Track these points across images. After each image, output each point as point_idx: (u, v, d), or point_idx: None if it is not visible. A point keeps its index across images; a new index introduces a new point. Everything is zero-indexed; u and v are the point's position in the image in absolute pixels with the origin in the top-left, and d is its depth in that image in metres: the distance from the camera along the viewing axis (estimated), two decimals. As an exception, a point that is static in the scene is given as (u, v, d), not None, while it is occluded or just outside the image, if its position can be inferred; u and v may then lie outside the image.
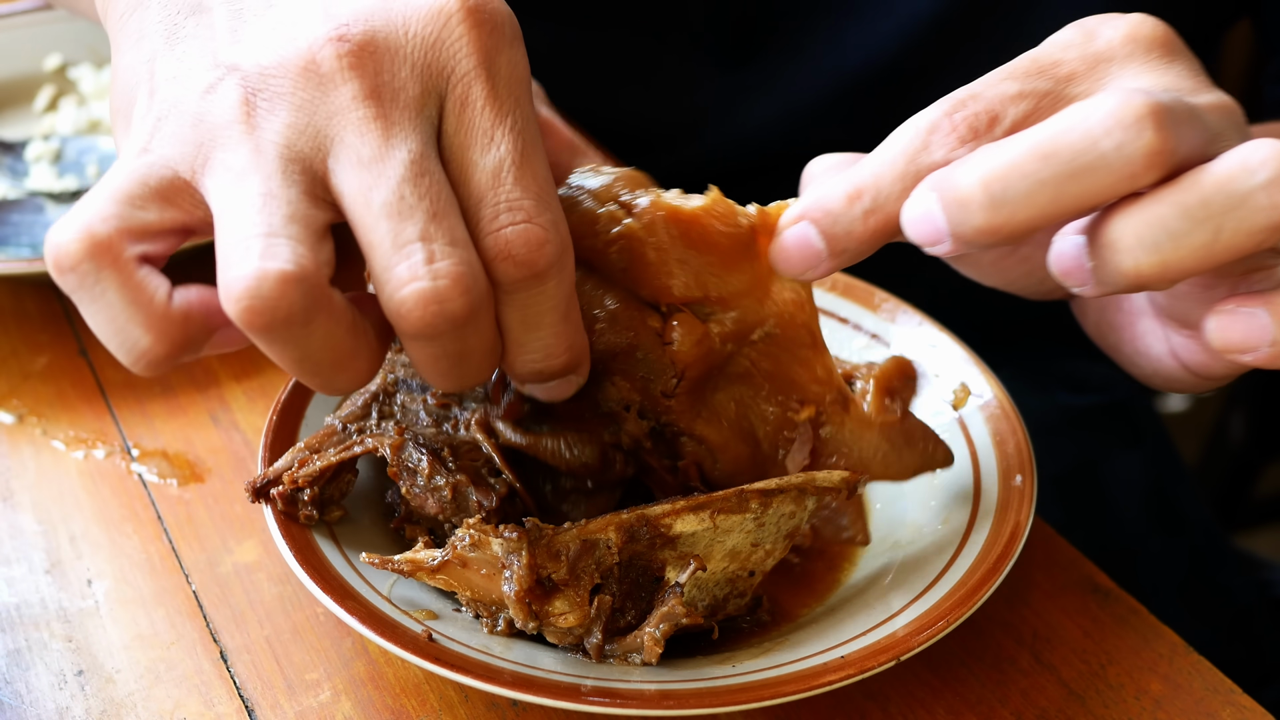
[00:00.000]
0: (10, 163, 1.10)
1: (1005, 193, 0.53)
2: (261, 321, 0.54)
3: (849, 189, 0.58)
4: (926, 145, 0.57)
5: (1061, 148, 0.53)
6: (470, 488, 0.68)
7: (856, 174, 0.59)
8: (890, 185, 0.58)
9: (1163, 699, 0.69)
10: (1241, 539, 1.71)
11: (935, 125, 0.57)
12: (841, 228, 0.59)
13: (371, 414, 0.73)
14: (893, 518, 0.76)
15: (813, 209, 0.59)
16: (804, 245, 0.60)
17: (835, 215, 0.59)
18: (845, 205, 0.58)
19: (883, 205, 0.58)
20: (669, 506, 0.64)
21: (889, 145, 0.59)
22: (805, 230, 0.60)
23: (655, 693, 0.61)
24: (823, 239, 0.59)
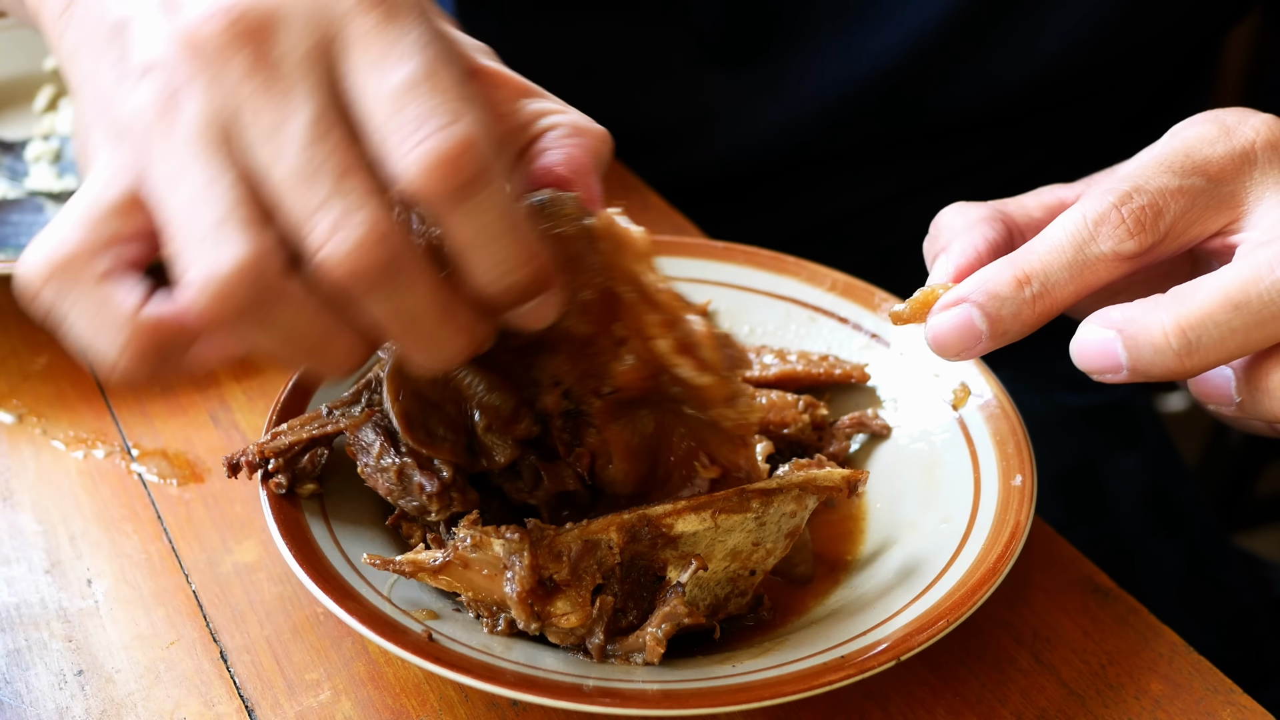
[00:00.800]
0: (10, 163, 1.10)
1: (1199, 341, 0.57)
2: (225, 315, 0.54)
3: (1017, 274, 0.61)
4: (1095, 236, 0.60)
5: (1252, 298, 0.56)
6: (415, 470, 0.68)
7: (1024, 260, 0.61)
8: (1059, 273, 0.60)
9: (1163, 699, 0.69)
10: (1241, 539, 1.71)
11: (1103, 217, 0.60)
12: (1008, 311, 0.61)
13: (361, 401, 0.73)
14: (893, 518, 0.76)
15: (977, 293, 0.61)
16: (965, 328, 0.62)
17: (1002, 299, 0.61)
18: (1013, 290, 0.61)
19: (1050, 292, 0.61)
20: (670, 507, 0.64)
21: (1056, 233, 0.61)
22: (968, 313, 0.62)
23: (657, 693, 0.61)
24: (986, 321, 0.61)
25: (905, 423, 0.81)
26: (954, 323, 0.62)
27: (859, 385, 0.84)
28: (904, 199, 1.16)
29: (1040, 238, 0.62)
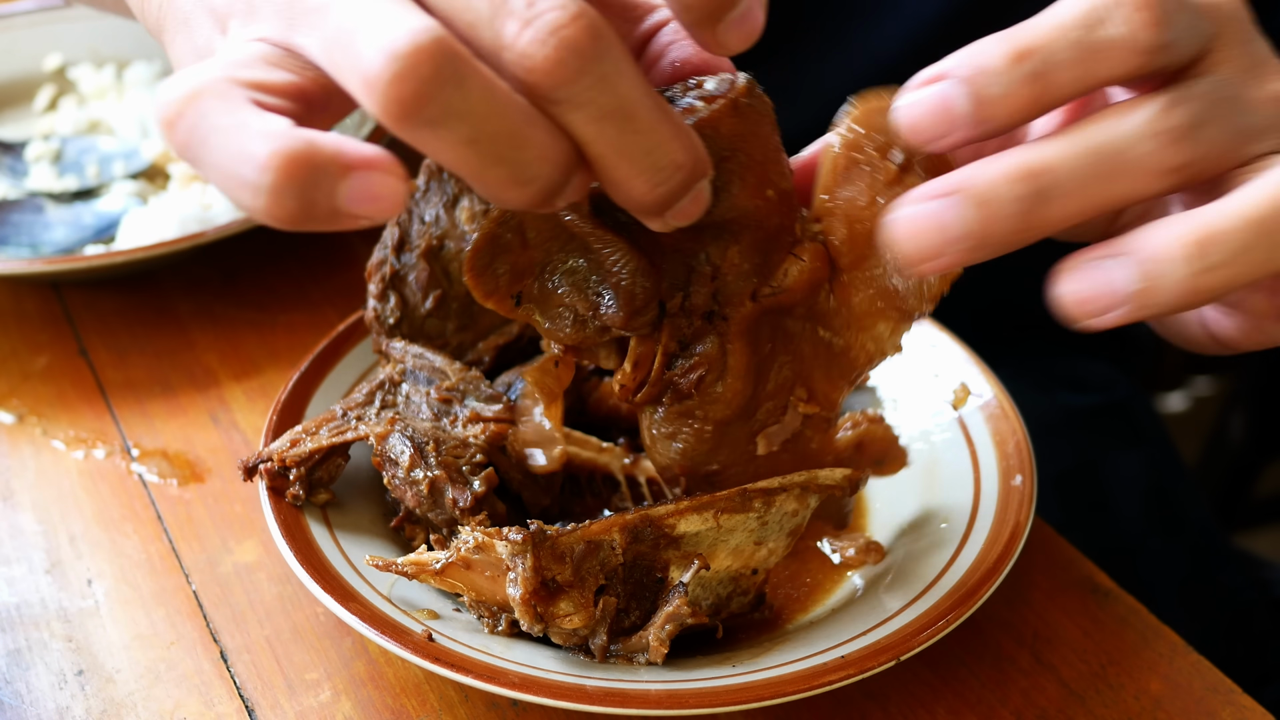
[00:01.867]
0: (10, 163, 1.10)
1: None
2: (412, 95, 0.46)
3: (1014, 47, 0.51)
4: (1108, 16, 0.51)
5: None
6: (447, 484, 0.68)
7: (1023, 34, 0.51)
8: (1062, 53, 0.51)
9: (1163, 699, 0.69)
10: (1241, 539, 1.71)
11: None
12: (997, 90, 0.51)
13: (375, 402, 0.73)
14: (893, 518, 0.76)
15: (963, 67, 0.51)
16: (943, 108, 0.51)
17: (992, 75, 0.50)
18: (1006, 65, 0.51)
19: (1048, 74, 0.50)
20: (672, 507, 0.64)
21: (1063, 7, 0.51)
22: (948, 90, 0.51)
23: (658, 693, 0.61)
24: (970, 101, 0.51)
25: (905, 423, 0.81)
26: (931, 102, 0.52)
27: (859, 385, 0.84)
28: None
29: (1044, 13, 0.52)
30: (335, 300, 0.97)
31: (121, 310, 0.98)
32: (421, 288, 0.78)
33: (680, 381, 0.63)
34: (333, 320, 0.92)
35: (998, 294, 1.18)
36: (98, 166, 1.08)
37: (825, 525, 0.73)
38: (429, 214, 0.79)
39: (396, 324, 0.78)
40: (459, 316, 0.79)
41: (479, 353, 0.79)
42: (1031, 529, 0.73)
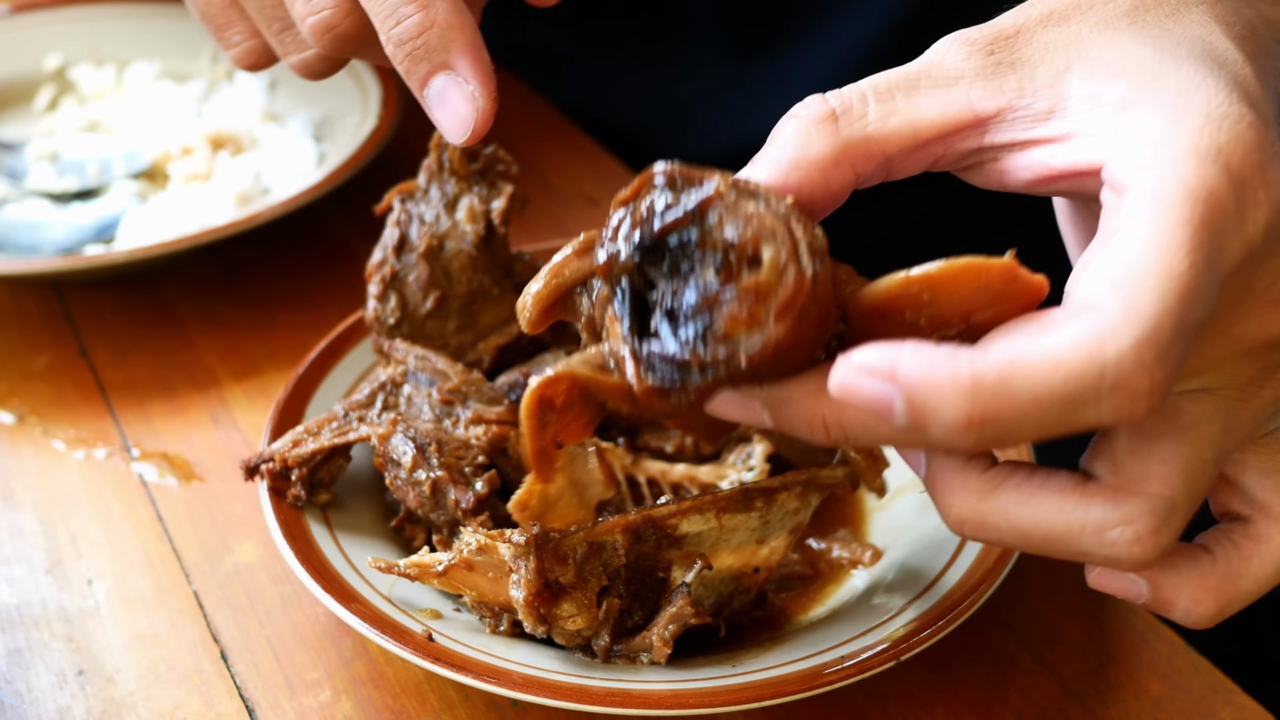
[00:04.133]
0: (10, 163, 1.10)
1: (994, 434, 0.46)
2: None
3: (971, 414, 0.45)
4: (1098, 400, 0.46)
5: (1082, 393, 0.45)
6: (450, 485, 0.68)
7: (988, 400, 0.45)
8: (1025, 430, 0.46)
9: (1163, 699, 0.69)
10: (1241, 539, 1.71)
11: (1125, 380, 0.44)
12: (937, 432, 0.46)
13: (376, 403, 0.73)
14: (892, 518, 0.76)
15: (912, 386, 0.45)
16: (878, 406, 0.46)
17: (936, 422, 0.46)
18: (960, 428, 0.46)
19: (1002, 440, 0.46)
20: (674, 507, 0.64)
21: (1050, 376, 0.45)
22: (889, 396, 0.46)
23: (661, 693, 0.61)
24: (906, 417, 0.46)
25: (905, 423, 0.81)
26: (868, 397, 0.46)
27: None
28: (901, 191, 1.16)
29: (1033, 365, 0.45)
30: (335, 300, 0.97)
31: (121, 310, 0.98)
32: (421, 288, 0.78)
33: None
34: (333, 320, 0.92)
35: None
36: (98, 166, 1.08)
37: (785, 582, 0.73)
38: (429, 214, 0.79)
39: (396, 324, 0.78)
40: (459, 317, 0.79)
41: (479, 353, 0.79)
42: (1031, 529, 0.73)
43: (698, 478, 0.76)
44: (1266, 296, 0.50)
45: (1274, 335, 0.51)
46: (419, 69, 0.58)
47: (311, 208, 1.03)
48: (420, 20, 0.57)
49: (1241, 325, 0.50)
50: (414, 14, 0.57)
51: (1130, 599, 0.53)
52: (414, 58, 0.57)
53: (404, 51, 0.57)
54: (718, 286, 0.48)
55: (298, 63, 0.64)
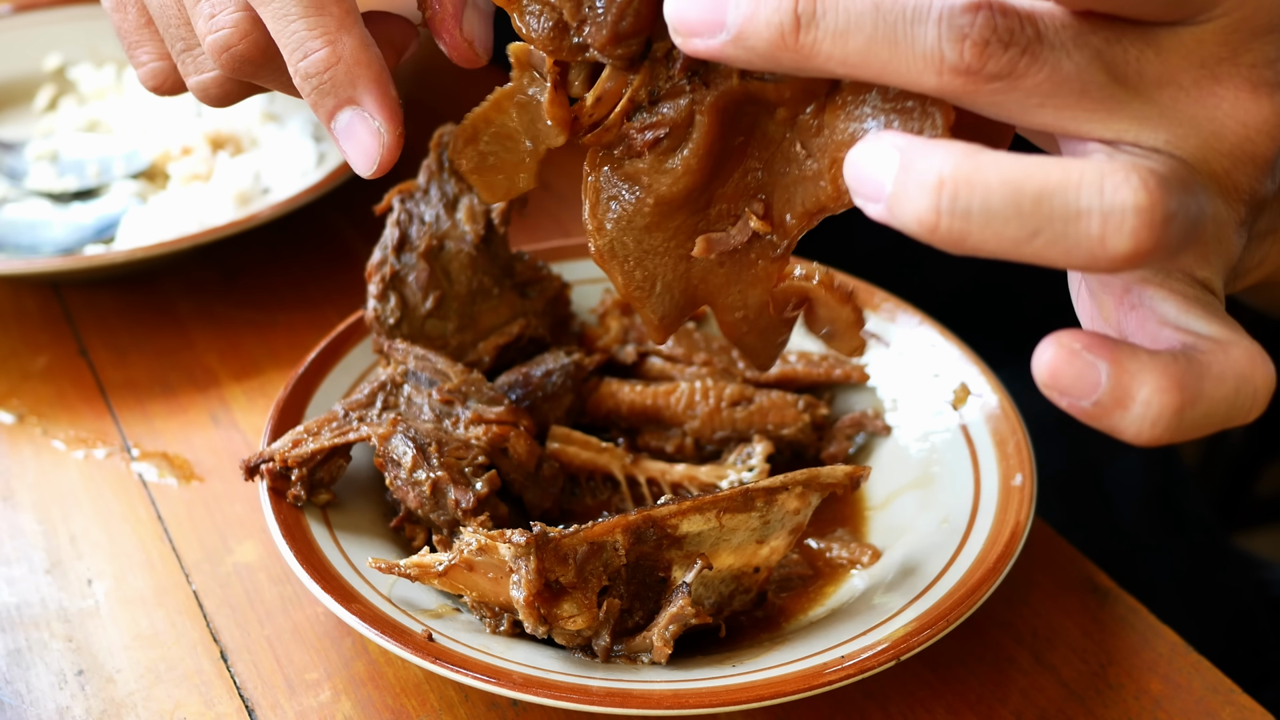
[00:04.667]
0: (10, 163, 1.10)
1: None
2: None
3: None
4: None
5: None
6: (450, 485, 0.68)
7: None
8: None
9: (1163, 699, 0.69)
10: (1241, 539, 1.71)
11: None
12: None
13: (376, 403, 0.73)
14: (893, 518, 0.76)
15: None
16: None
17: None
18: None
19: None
20: (675, 508, 0.64)
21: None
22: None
23: (661, 693, 0.61)
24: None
25: (905, 423, 0.81)
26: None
27: (859, 385, 0.84)
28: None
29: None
30: (335, 300, 0.97)
31: (121, 310, 0.98)
32: (421, 288, 0.78)
33: (636, 136, 0.59)
34: (333, 320, 0.92)
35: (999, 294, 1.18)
36: (98, 166, 1.08)
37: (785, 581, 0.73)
38: (429, 214, 0.79)
39: (396, 324, 0.78)
40: (459, 317, 0.79)
41: (479, 353, 0.79)
42: (1031, 529, 0.73)
43: (698, 478, 0.76)
44: (1249, 74, 0.49)
45: (1248, 122, 0.49)
46: (325, 103, 0.58)
47: (311, 208, 1.03)
48: (327, 55, 0.58)
49: (1217, 89, 0.49)
50: (321, 49, 0.57)
51: (1085, 391, 0.47)
52: (320, 91, 0.58)
53: (311, 85, 0.58)
54: None
55: (195, 85, 0.64)
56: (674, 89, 0.58)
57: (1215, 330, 0.49)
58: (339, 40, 0.58)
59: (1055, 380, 0.47)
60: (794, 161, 0.58)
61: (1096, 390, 0.46)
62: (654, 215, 0.60)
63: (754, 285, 0.61)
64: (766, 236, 0.59)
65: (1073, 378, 0.47)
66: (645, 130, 0.58)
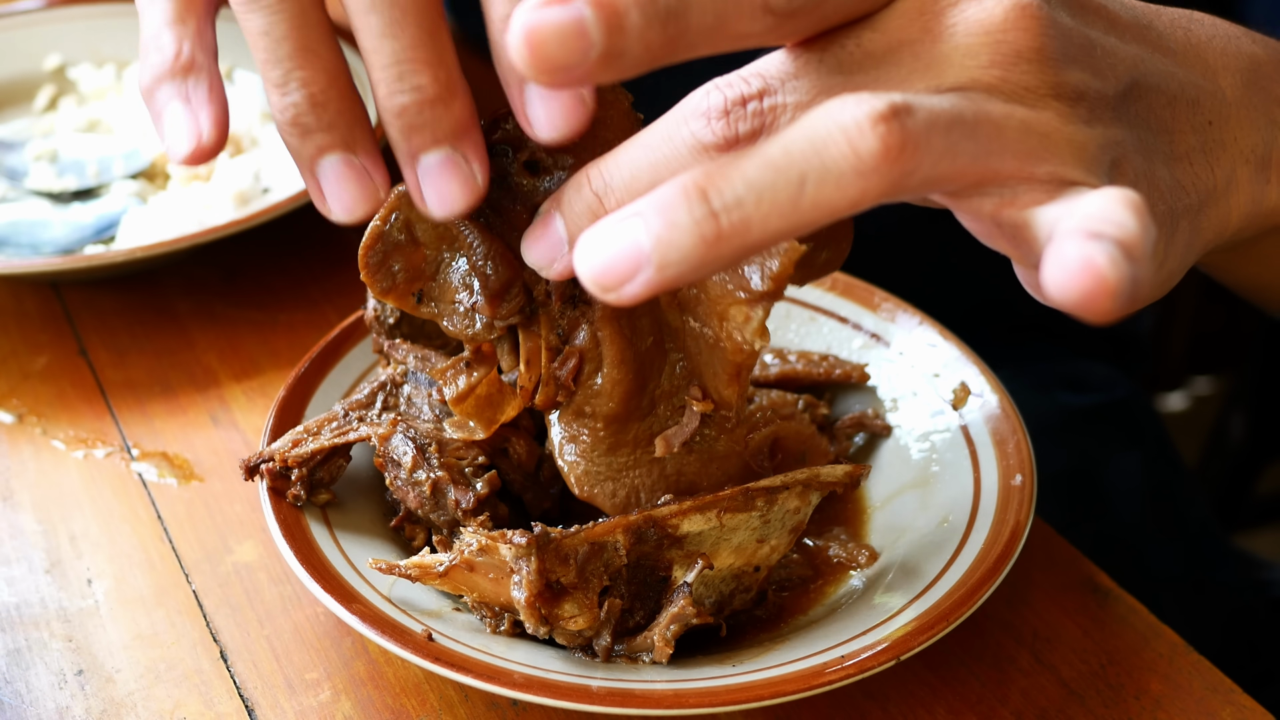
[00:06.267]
0: (10, 163, 1.10)
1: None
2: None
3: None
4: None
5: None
6: (450, 485, 0.68)
7: None
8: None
9: (1163, 699, 0.69)
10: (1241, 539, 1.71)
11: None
12: (635, 22, 0.46)
13: (376, 403, 0.73)
14: (893, 518, 0.76)
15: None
16: (577, 34, 0.46)
17: (630, 6, 0.46)
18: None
19: (687, 14, 0.47)
20: (675, 507, 0.64)
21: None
22: (584, 22, 0.45)
23: (662, 692, 0.61)
24: (602, 31, 0.46)
25: (905, 423, 0.81)
26: (565, 29, 0.46)
27: (859, 385, 0.84)
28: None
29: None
30: (335, 300, 0.97)
31: (121, 310, 0.98)
32: (421, 288, 0.78)
33: (559, 374, 0.64)
34: (333, 320, 0.92)
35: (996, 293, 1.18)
36: (97, 166, 1.08)
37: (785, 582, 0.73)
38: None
39: (396, 324, 0.78)
40: (459, 316, 0.79)
41: None
42: (1031, 529, 0.73)
43: (698, 478, 0.76)
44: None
45: (988, 29, 0.51)
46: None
47: (311, 208, 1.03)
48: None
49: (945, 22, 0.51)
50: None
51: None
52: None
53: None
54: None
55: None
56: (572, 321, 0.63)
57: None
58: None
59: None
60: (698, 338, 0.62)
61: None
62: (609, 436, 0.65)
63: (727, 459, 0.67)
64: (716, 413, 0.64)
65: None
66: (562, 367, 0.64)
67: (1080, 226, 0.46)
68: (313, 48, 0.55)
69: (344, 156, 0.57)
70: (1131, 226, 0.45)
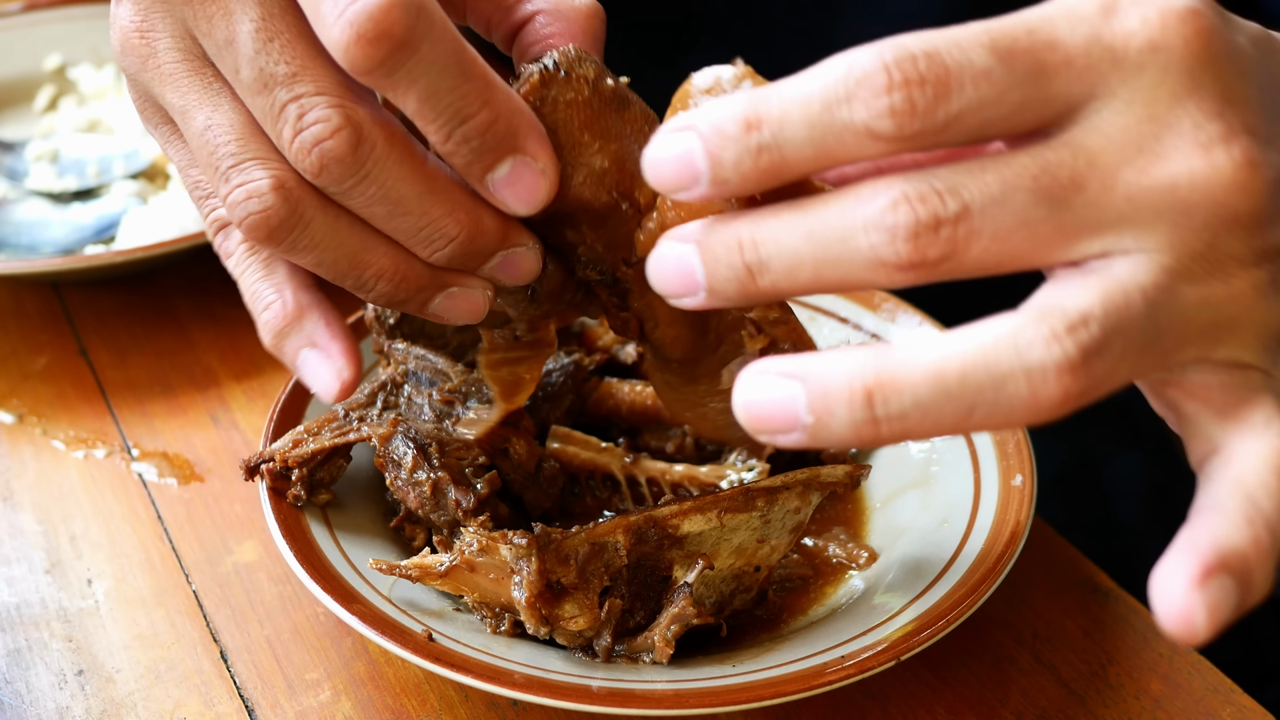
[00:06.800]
0: (10, 163, 1.10)
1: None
2: (262, 241, 0.58)
3: (748, 114, 0.47)
4: (850, 97, 0.45)
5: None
6: (450, 486, 0.68)
7: (761, 101, 0.47)
8: (795, 130, 0.46)
9: (1163, 699, 0.69)
10: (1241, 539, 1.71)
11: (868, 76, 0.45)
12: (730, 155, 0.47)
13: (376, 403, 0.73)
14: (893, 518, 0.76)
15: (703, 124, 0.48)
16: (684, 160, 0.48)
17: (726, 138, 0.47)
18: (739, 132, 0.47)
19: (779, 148, 0.47)
20: (676, 508, 0.64)
21: (812, 77, 0.46)
22: (690, 143, 0.48)
23: (660, 693, 0.61)
24: (706, 160, 0.48)
25: (905, 423, 0.81)
26: (674, 150, 0.48)
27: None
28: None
29: (795, 78, 0.47)
30: (335, 300, 0.97)
31: (121, 310, 0.98)
32: (422, 288, 0.78)
33: (633, 342, 0.66)
34: (333, 320, 0.92)
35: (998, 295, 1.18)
36: (98, 166, 1.08)
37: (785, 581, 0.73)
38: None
39: (397, 324, 0.78)
40: (459, 316, 0.79)
41: (479, 353, 0.79)
42: (1031, 529, 0.73)
43: (698, 478, 0.76)
44: (1191, 137, 0.45)
45: (1211, 186, 0.45)
46: (485, 159, 0.58)
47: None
48: (486, 115, 0.57)
49: (1163, 167, 0.45)
50: (479, 109, 0.56)
51: (788, 415, 0.46)
52: (483, 149, 0.57)
53: (470, 146, 0.57)
54: None
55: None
56: (619, 291, 0.65)
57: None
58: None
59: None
60: None
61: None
62: (684, 370, 0.66)
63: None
64: (782, 346, 0.63)
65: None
66: (624, 328, 0.66)
67: (1209, 545, 0.48)
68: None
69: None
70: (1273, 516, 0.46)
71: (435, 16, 0.53)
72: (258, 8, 0.56)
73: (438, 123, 0.55)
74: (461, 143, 0.56)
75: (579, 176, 0.60)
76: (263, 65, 0.55)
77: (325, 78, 0.55)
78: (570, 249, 0.63)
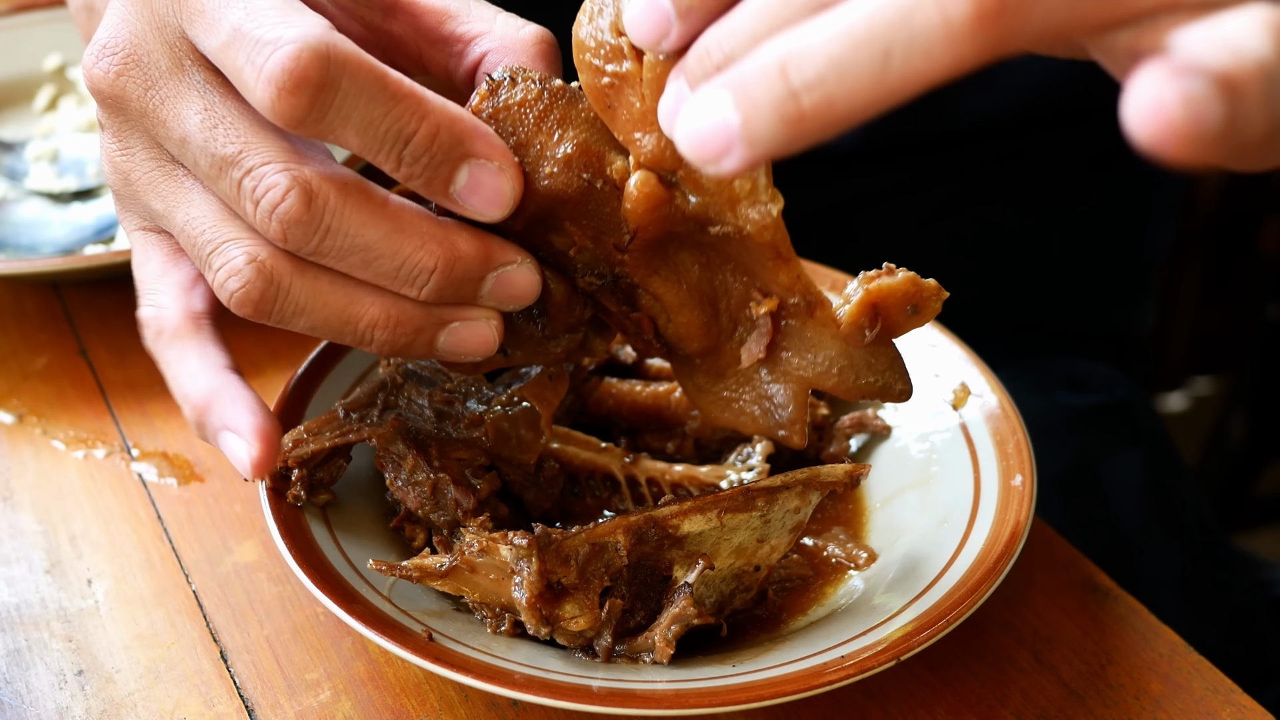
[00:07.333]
0: (10, 163, 1.10)
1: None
2: (252, 315, 0.60)
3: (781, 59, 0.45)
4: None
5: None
6: (450, 486, 0.68)
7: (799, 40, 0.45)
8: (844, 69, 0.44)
9: (1163, 699, 0.69)
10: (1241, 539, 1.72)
11: None
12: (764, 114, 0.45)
13: (377, 403, 0.73)
14: (893, 518, 0.76)
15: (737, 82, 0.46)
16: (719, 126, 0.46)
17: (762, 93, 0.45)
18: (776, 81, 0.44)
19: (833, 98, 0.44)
20: (676, 508, 0.64)
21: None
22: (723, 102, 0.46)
23: (660, 693, 0.61)
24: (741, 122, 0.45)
25: (905, 423, 0.81)
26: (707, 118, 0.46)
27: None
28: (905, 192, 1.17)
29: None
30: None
31: (121, 310, 0.98)
32: (421, 288, 0.78)
33: (645, 338, 0.66)
34: (333, 320, 0.92)
35: (997, 294, 1.18)
36: (97, 166, 1.08)
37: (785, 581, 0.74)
38: (429, 214, 0.79)
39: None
40: (459, 316, 0.79)
41: None
42: (1031, 529, 0.73)
43: (698, 477, 0.76)
44: None
45: None
46: (442, 171, 0.59)
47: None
48: (426, 130, 0.58)
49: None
50: (418, 126, 0.58)
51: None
52: (435, 162, 0.59)
53: (422, 163, 0.58)
54: None
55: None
56: (626, 292, 0.65)
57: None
58: (428, 113, 0.58)
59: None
60: (728, 240, 0.61)
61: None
62: (709, 366, 0.66)
63: (820, 343, 0.64)
64: (791, 300, 0.63)
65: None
66: (637, 333, 0.66)
67: (1185, 57, 0.41)
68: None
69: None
70: (1254, 52, 0.40)
71: (347, 52, 0.55)
72: (200, 99, 0.59)
73: (384, 150, 0.57)
74: (413, 163, 0.57)
75: (546, 169, 0.60)
76: (214, 151, 0.58)
77: (269, 147, 0.57)
78: (563, 258, 0.63)
